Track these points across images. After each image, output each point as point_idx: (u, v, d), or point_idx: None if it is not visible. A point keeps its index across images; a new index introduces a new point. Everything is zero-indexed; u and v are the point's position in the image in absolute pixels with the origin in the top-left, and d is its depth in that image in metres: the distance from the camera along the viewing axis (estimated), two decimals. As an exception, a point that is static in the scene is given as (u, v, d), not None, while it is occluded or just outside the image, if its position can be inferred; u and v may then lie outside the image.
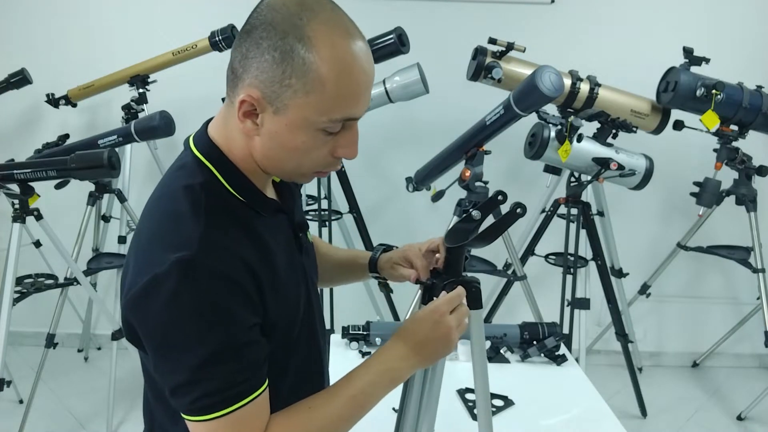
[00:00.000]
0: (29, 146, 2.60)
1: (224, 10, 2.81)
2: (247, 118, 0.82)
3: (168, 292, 0.77)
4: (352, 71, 0.80)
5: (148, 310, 0.79)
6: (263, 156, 0.86)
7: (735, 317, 3.14)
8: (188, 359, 0.78)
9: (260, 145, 0.85)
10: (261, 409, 0.84)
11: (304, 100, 0.79)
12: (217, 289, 0.78)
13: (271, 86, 0.79)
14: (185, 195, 0.84)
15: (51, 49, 2.94)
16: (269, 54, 0.77)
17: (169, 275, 0.77)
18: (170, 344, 0.79)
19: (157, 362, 0.82)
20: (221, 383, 0.79)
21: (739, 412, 2.82)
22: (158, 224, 0.84)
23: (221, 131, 0.89)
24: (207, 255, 0.78)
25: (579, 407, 1.54)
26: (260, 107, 0.81)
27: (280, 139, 0.83)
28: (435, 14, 2.88)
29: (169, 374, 0.81)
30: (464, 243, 1.03)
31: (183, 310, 0.77)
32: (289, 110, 0.80)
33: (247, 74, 0.80)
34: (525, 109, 1.85)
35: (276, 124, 0.81)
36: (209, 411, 0.80)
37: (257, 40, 0.78)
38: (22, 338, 3.06)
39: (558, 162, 2.22)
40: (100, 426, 2.60)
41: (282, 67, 0.77)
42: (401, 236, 3.10)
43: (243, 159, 0.88)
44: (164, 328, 0.78)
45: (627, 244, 2.97)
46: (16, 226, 2.13)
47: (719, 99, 2.33)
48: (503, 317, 2.84)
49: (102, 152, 1.99)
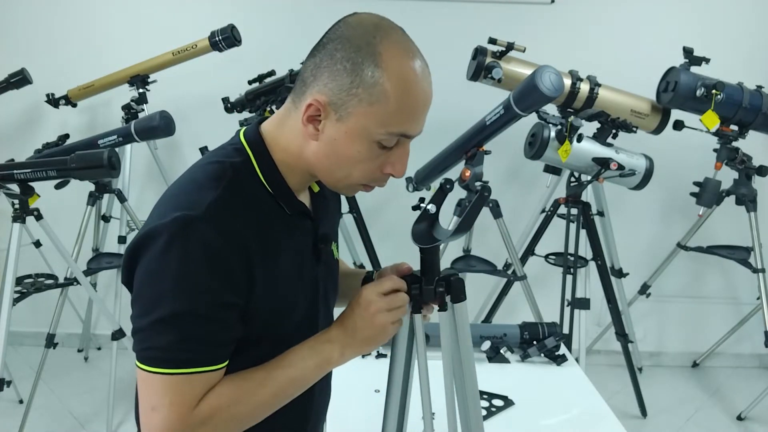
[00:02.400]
0: (29, 146, 2.60)
1: (224, 10, 2.82)
2: (310, 123, 0.88)
3: (162, 243, 0.81)
4: (414, 89, 0.87)
5: (141, 257, 0.83)
6: (316, 161, 0.91)
7: (735, 317, 3.14)
8: (156, 309, 0.82)
9: (316, 149, 0.89)
10: (207, 384, 0.85)
11: (367, 109, 0.85)
12: (205, 256, 0.81)
13: (339, 93, 0.85)
14: (213, 168, 0.89)
15: (51, 49, 2.94)
16: (341, 64, 0.84)
17: (166, 229, 0.81)
18: (148, 291, 0.83)
19: (132, 304, 0.86)
20: (174, 343, 0.82)
21: (739, 412, 2.82)
22: (178, 187, 0.89)
23: (273, 129, 0.94)
24: (207, 221, 0.82)
25: (579, 407, 1.54)
26: (325, 112, 0.86)
27: (337, 145, 0.88)
28: (435, 14, 2.88)
29: (135, 317, 0.85)
30: (439, 241, 1.03)
31: (169, 263, 0.81)
32: (351, 118, 0.86)
33: (317, 82, 0.86)
34: (525, 109, 1.84)
35: (336, 130, 0.87)
36: (155, 363, 0.83)
37: (332, 52, 0.85)
38: (22, 338, 3.06)
39: (558, 162, 2.22)
40: (100, 426, 2.60)
41: (351, 77, 0.84)
42: (401, 236, 3.10)
43: (286, 158, 0.92)
44: (150, 274, 0.82)
45: (627, 244, 2.97)
46: (16, 226, 2.13)
47: (719, 99, 2.33)
48: (503, 317, 2.84)
49: (102, 152, 1.99)
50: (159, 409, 0.83)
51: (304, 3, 2.85)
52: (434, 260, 1.05)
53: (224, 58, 2.64)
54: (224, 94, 2.61)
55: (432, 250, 1.05)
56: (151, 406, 0.83)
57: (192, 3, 2.91)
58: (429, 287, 1.05)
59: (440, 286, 1.05)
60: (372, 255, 2.77)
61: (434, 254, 1.05)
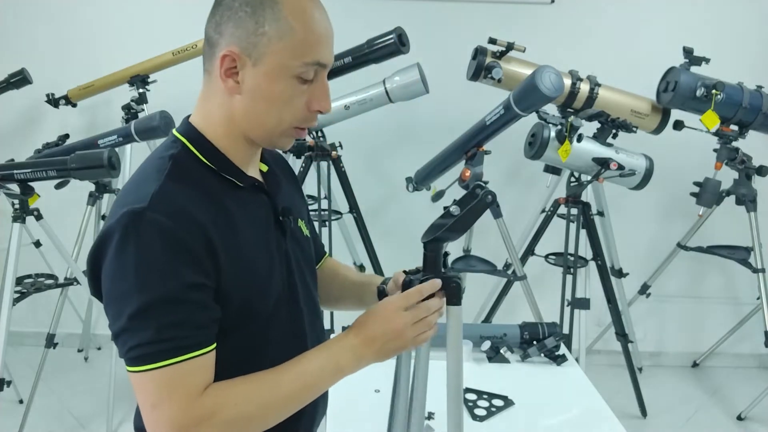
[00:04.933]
0: (29, 146, 2.60)
1: (224, 10, 2.82)
2: (229, 77, 0.89)
3: (116, 242, 0.82)
4: (314, 17, 0.89)
5: (102, 259, 0.84)
6: (245, 115, 0.92)
7: (735, 317, 3.14)
8: (127, 307, 0.81)
9: (242, 104, 0.91)
10: (200, 370, 0.85)
11: (279, 45, 0.87)
12: (160, 243, 0.81)
13: (248, 38, 0.87)
14: (153, 164, 0.91)
15: (51, 49, 2.94)
16: (242, 11, 0.87)
17: (118, 226, 0.82)
18: (115, 292, 0.83)
19: (107, 310, 0.85)
20: (154, 335, 0.81)
21: (739, 412, 2.82)
22: (124, 190, 0.91)
23: (200, 113, 0.96)
24: (155, 209, 0.82)
25: (579, 407, 1.54)
26: (240, 61, 0.88)
27: (261, 91, 0.89)
28: (435, 14, 2.88)
29: (112, 322, 0.84)
30: (435, 236, 1.03)
31: (127, 258, 0.81)
32: (266, 58, 0.87)
33: (223, 36, 0.89)
34: (525, 109, 1.85)
35: (256, 76, 0.88)
36: (143, 362, 0.82)
37: (229, 4, 0.88)
38: (22, 338, 3.06)
39: (558, 162, 2.22)
40: (100, 426, 2.60)
41: (254, 18, 0.86)
42: (401, 236, 3.09)
43: (221, 132, 0.94)
44: (112, 276, 0.83)
45: (627, 244, 2.97)
46: (16, 226, 2.13)
47: (719, 99, 2.33)
48: (503, 317, 2.84)
49: (102, 152, 1.99)
50: (159, 406, 0.82)
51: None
52: (433, 258, 1.05)
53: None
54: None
55: (430, 246, 1.05)
56: (150, 404, 0.83)
57: (192, 3, 2.91)
58: (417, 280, 1.05)
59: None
60: (372, 255, 2.77)
61: (434, 251, 1.05)
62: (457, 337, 1.08)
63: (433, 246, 1.04)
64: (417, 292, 0.98)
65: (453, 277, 1.04)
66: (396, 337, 0.94)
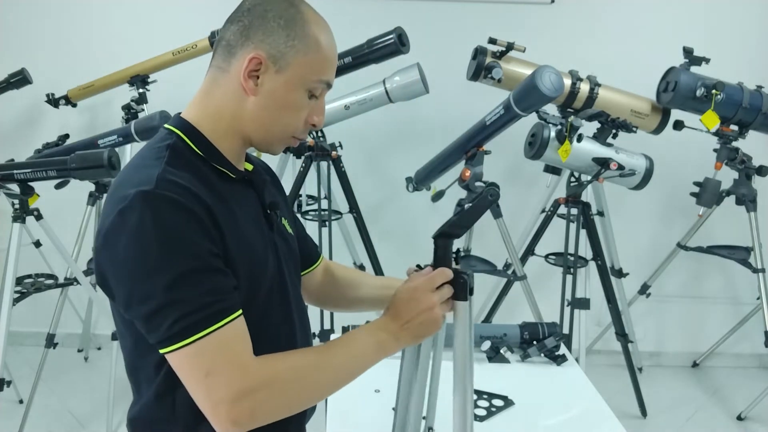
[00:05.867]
0: (29, 146, 2.60)
1: (224, 10, 2.81)
2: (250, 78, 0.94)
3: (133, 223, 0.83)
4: (331, 43, 0.99)
5: (117, 244, 0.84)
6: (254, 117, 0.96)
7: (735, 317, 3.14)
8: (159, 284, 0.82)
9: (254, 106, 0.95)
10: (241, 332, 0.87)
11: (303, 59, 0.94)
12: (177, 217, 0.84)
13: (278, 47, 0.93)
14: (150, 152, 0.95)
15: (51, 49, 2.95)
16: (275, 22, 0.93)
17: (132, 208, 0.83)
18: (140, 274, 0.83)
19: (131, 297, 0.85)
20: (194, 304, 0.82)
21: (739, 412, 2.82)
22: (123, 175, 0.93)
23: (197, 107, 0.99)
24: (164, 188, 0.85)
25: (579, 407, 1.54)
26: (265, 66, 0.94)
27: (276, 96, 0.95)
28: (435, 14, 2.88)
29: (143, 305, 0.83)
30: (441, 230, 1.04)
31: (148, 237, 0.82)
32: (289, 68, 0.94)
33: (250, 41, 0.93)
34: (525, 109, 1.85)
35: (275, 82, 0.94)
36: (190, 333, 0.82)
37: (262, 13, 0.94)
38: (22, 338, 3.06)
39: (558, 162, 2.22)
40: (100, 426, 2.60)
41: (287, 31, 0.93)
42: (401, 236, 3.10)
43: (216, 127, 0.97)
44: (134, 258, 0.83)
45: (627, 244, 2.97)
46: (16, 226, 2.13)
47: (719, 99, 2.33)
48: (503, 317, 2.84)
49: (102, 152, 1.99)
50: (215, 372, 0.82)
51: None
52: (442, 254, 1.06)
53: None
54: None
55: (440, 242, 1.05)
56: (205, 374, 0.82)
57: (192, 3, 2.91)
58: None
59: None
60: (372, 255, 2.77)
61: (441, 247, 1.06)
62: (464, 333, 1.08)
63: (442, 242, 1.05)
64: (441, 274, 1.01)
65: (462, 273, 1.05)
66: (429, 316, 0.98)
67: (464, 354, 1.06)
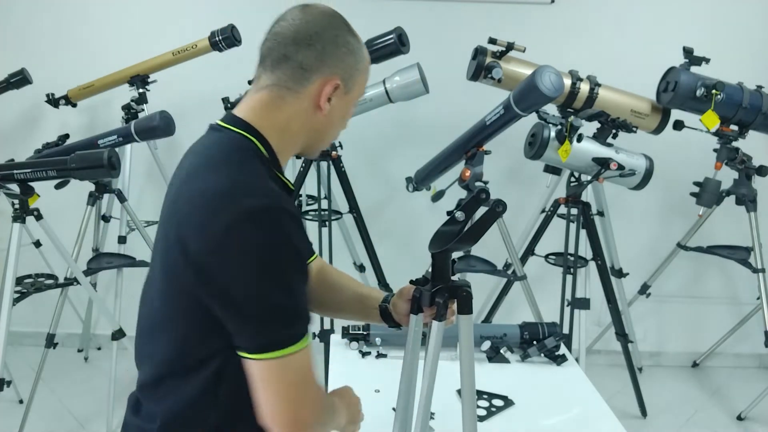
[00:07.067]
0: (29, 146, 2.60)
1: (224, 10, 2.82)
2: (327, 100, 1.02)
3: (259, 235, 0.87)
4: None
5: (241, 252, 0.87)
6: (319, 131, 1.06)
7: (735, 317, 3.14)
8: (279, 291, 0.88)
9: (321, 122, 1.04)
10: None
11: (362, 79, 1.07)
12: (294, 230, 0.91)
13: (349, 71, 1.03)
14: (237, 155, 0.97)
15: (51, 49, 2.95)
16: (345, 48, 1.02)
17: (256, 221, 0.87)
18: (261, 281, 0.87)
19: (244, 301, 0.88)
20: (303, 312, 0.92)
21: (739, 412, 2.82)
22: (216, 178, 0.92)
23: (264, 120, 1.01)
24: (280, 201, 0.91)
25: (579, 407, 1.54)
26: (339, 89, 1.02)
27: (340, 113, 1.06)
28: (435, 14, 2.88)
29: (257, 309, 0.89)
30: (446, 248, 1.03)
31: (273, 249, 0.88)
32: (354, 89, 1.05)
33: (325, 65, 1.00)
34: (525, 109, 1.85)
35: (342, 101, 1.04)
36: (298, 339, 0.90)
37: (332, 39, 1.01)
38: (22, 338, 3.06)
39: (558, 162, 2.22)
40: (100, 426, 2.60)
41: (355, 57, 1.04)
42: (401, 236, 3.10)
43: (280, 141, 1.02)
44: (258, 267, 0.87)
45: (627, 244, 2.97)
46: (16, 226, 2.13)
47: (719, 99, 2.33)
48: (503, 317, 2.84)
49: (102, 152, 1.99)
50: (308, 382, 0.93)
51: (303, 3, 2.84)
52: (442, 266, 1.05)
53: (224, 58, 2.64)
54: (224, 94, 2.61)
55: (439, 255, 1.04)
56: (304, 380, 0.92)
57: (192, 3, 2.91)
58: (427, 291, 1.05)
59: (441, 296, 1.05)
60: (372, 255, 2.77)
61: (441, 260, 1.05)
62: (469, 345, 1.08)
63: (441, 255, 1.04)
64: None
65: (463, 286, 1.05)
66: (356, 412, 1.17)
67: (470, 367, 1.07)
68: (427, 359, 1.09)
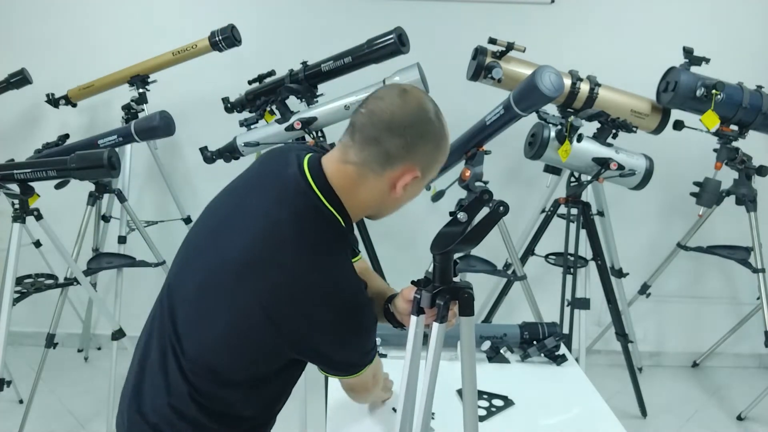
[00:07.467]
0: (29, 146, 2.60)
1: (224, 10, 2.82)
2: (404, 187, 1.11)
3: (354, 323, 1.09)
4: None
5: (334, 335, 1.08)
6: (388, 206, 1.16)
7: (735, 317, 3.14)
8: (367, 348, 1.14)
9: (393, 199, 1.13)
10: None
11: (437, 167, 1.14)
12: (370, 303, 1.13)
13: (429, 163, 1.11)
14: (328, 244, 1.09)
15: (51, 49, 2.94)
16: (432, 143, 1.10)
17: (347, 310, 1.07)
18: (355, 348, 1.12)
19: (341, 362, 1.14)
20: (374, 345, 1.17)
21: (739, 412, 2.82)
22: (325, 278, 1.07)
23: (346, 193, 1.11)
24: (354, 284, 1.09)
25: (579, 407, 1.54)
26: (417, 178, 1.10)
27: (411, 194, 1.15)
28: (435, 14, 2.88)
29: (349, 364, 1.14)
30: (448, 249, 1.03)
31: (364, 326, 1.11)
32: (428, 176, 1.14)
33: (410, 156, 1.08)
34: (525, 109, 1.85)
35: (417, 185, 1.14)
36: (370, 362, 1.15)
37: (422, 133, 1.08)
38: (22, 338, 3.06)
39: (558, 162, 2.22)
40: (100, 426, 2.60)
41: (436, 153, 1.11)
42: (401, 236, 3.10)
43: (355, 208, 1.12)
44: (353, 341, 1.11)
45: (627, 244, 2.97)
46: (16, 226, 2.13)
47: (719, 99, 2.33)
48: (503, 317, 2.84)
49: (102, 152, 1.99)
50: (377, 379, 1.26)
51: (304, 3, 2.85)
52: (444, 268, 1.05)
53: (224, 58, 2.64)
54: (224, 94, 2.61)
55: (441, 257, 1.04)
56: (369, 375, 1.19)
57: (192, 3, 2.91)
58: (427, 293, 1.05)
59: (443, 298, 1.05)
60: (372, 255, 2.77)
61: (443, 262, 1.05)
62: (471, 347, 1.08)
63: (444, 257, 1.04)
64: None
65: (465, 288, 1.04)
66: None
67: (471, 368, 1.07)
68: (428, 361, 1.09)
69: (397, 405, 1.20)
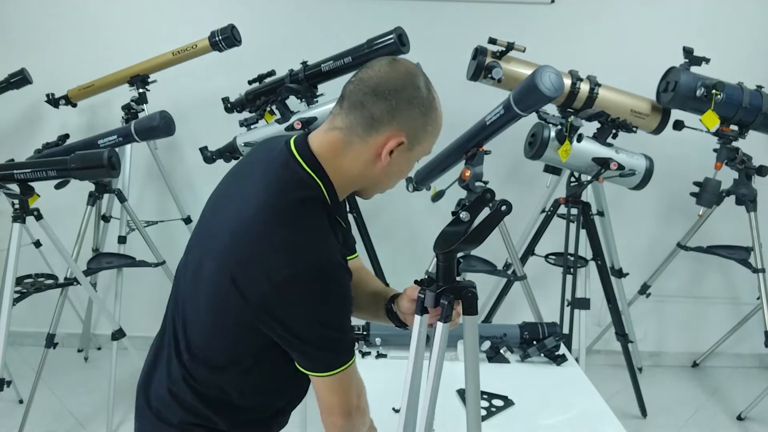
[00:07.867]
0: (29, 146, 2.60)
1: (224, 10, 2.82)
2: (389, 153, 1.08)
3: (319, 286, 1.01)
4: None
5: (304, 299, 1.01)
6: (375, 179, 1.13)
7: (735, 317, 3.14)
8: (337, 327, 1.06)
9: (379, 171, 1.10)
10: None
11: (428, 140, 1.11)
12: (347, 281, 1.06)
13: (416, 130, 1.08)
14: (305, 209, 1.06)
15: (51, 49, 2.94)
16: (418, 109, 1.07)
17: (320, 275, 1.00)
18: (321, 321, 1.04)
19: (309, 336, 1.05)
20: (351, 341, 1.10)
21: (739, 412, 2.82)
22: (284, 230, 1.03)
23: (330, 155, 1.09)
24: (337, 257, 1.04)
25: (579, 407, 1.54)
26: (402, 145, 1.07)
27: (399, 166, 1.12)
28: (435, 14, 2.88)
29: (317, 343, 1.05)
30: (451, 248, 1.03)
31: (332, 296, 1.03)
32: (417, 147, 1.10)
33: (394, 121, 1.06)
34: (525, 109, 1.85)
35: (403, 155, 1.10)
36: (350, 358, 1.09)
37: (409, 98, 1.06)
38: (22, 338, 3.06)
39: (558, 162, 2.22)
40: (100, 426, 2.60)
41: (425, 119, 1.08)
42: (401, 236, 3.10)
43: (341, 180, 1.10)
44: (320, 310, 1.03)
45: (627, 244, 2.97)
46: (16, 226, 2.13)
47: (719, 99, 2.33)
48: (503, 317, 2.84)
49: (102, 152, 1.99)
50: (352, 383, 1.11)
51: (304, 3, 2.85)
52: (447, 267, 1.05)
53: (224, 58, 2.64)
54: (224, 94, 2.61)
55: (444, 256, 1.04)
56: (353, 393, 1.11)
57: (192, 3, 2.91)
58: (431, 293, 1.05)
59: (447, 297, 1.05)
60: (372, 255, 2.77)
61: (446, 261, 1.05)
62: (474, 346, 1.08)
63: (447, 256, 1.04)
64: None
65: (468, 287, 1.04)
66: None
67: (474, 366, 1.07)
68: (432, 360, 1.09)
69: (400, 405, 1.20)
